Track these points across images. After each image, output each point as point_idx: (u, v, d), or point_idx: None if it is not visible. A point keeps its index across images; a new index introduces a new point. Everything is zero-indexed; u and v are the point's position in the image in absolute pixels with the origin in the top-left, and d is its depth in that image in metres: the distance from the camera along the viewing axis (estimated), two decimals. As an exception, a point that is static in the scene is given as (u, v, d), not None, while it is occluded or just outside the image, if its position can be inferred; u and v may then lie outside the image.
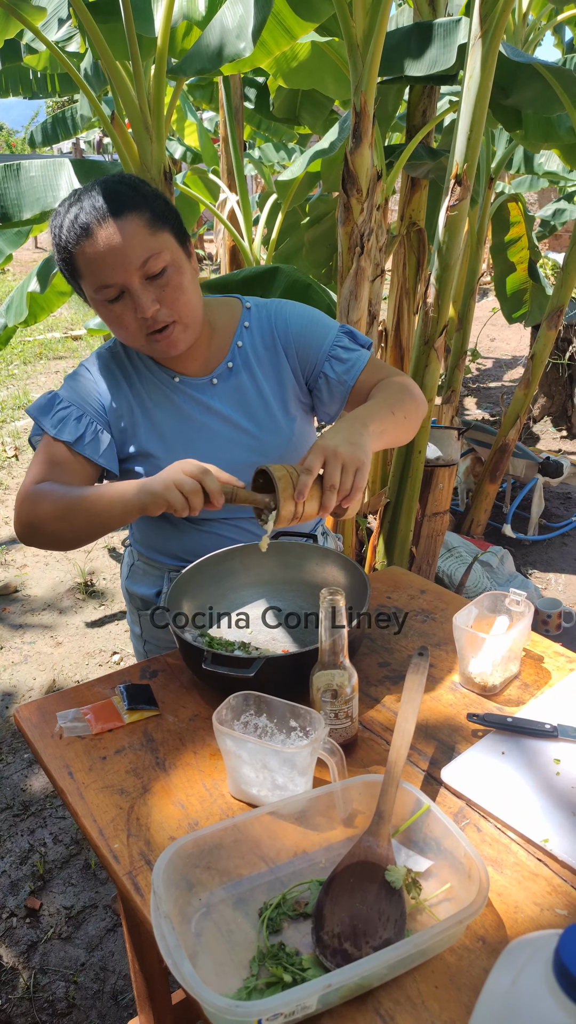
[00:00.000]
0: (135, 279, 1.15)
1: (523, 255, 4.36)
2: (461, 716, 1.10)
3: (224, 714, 0.94)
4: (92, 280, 1.16)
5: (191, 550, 1.37)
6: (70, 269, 1.18)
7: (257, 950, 0.76)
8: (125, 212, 1.14)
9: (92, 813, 0.94)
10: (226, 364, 1.34)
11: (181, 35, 2.76)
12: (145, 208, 1.16)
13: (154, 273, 1.16)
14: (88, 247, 1.13)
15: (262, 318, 1.37)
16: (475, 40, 2.06)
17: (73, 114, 5.65)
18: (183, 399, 1.32)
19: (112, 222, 1.13)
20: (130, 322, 1.18)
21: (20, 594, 3.52)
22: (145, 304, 1.15)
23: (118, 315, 1.18)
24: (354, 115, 2.05)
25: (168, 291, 1.17)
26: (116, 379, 1.32)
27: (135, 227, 1.14)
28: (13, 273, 12.85)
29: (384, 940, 0.76)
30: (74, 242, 1.14)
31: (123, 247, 1.13)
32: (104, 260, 1.13)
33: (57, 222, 1.17)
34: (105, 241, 1.13)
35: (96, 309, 1.21)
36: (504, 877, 0.86)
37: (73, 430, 1.26)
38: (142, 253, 1.14)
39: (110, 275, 1.14)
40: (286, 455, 1.34)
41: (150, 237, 1.15)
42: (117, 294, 1.16)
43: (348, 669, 0.99)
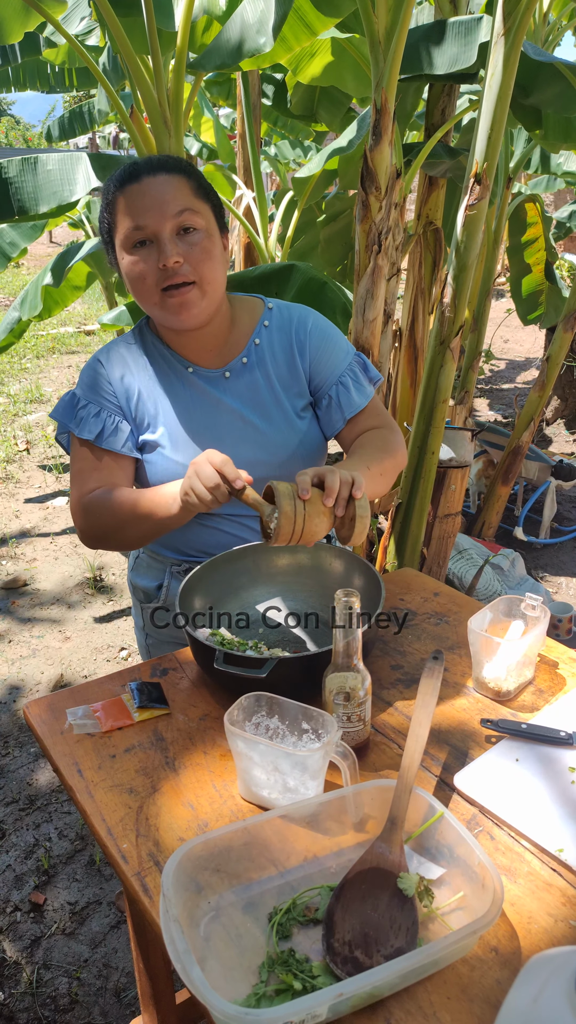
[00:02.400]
0: (167, 227, 1.17)
1: (540, 256, 4.33)
2: (475, 721, 1.09)
3: (235, 715, 0.93)
4: (126, 222, 1.18)
5: (194, 545, 1.38)
6: (110, 217, 1.21)
7: (266, 955, 0.75)
8: (175, 171, 1.20)
9: (101, 812, 0.93)
10: (241, 359, 1.34)
11: (201, 30, 2.75)
12: (194, 177, 1.22)
13: (187, 226, 1.18)
14: (132, 189, 1.18)
15: (283, 320, 1.37)
16: (498, 37, 2.04)
17: (90, 109, 5.65)
18: (193, 391, 1.32)
19: (162, 175, 1.19)
20: (150, 272, 1.19)
21: (29, 588, 3.52)
22: (169, 251, 1.17)
23: (141, 269, 1.19)
24: (374, 112, 2.03)
25: (195, 250, 1.19)
26: (129, 369, 1.33)
27: (180, 183, 1.19)
28: (27, 267, 12.89)
29: (396, 949, 0.75)
30: (120, 184, 1.19)
31: (164, 194, 1.17)
32: (143, 202, 1.17)
33: (104, 184, 1.23)
34: (150, 186, 1.18)
35: (121, 264, 1.22)
36: (518, 887, 0.85)
37: (92, 427, 1.28)
38: (180, 204, 1.18)
39: (145, 216, 1.17)
40: (294, 454, 1.34)
41: (191, 196, 1.20)
42: (144, 238, 1.18)
43: (362, 672, 0.98)
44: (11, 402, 6.18)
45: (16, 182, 2.70)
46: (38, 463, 4.96)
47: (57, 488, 4.57)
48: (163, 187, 1.17)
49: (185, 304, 1.20)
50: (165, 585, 1.42)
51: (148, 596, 1.46)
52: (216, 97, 5.45)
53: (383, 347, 2.45)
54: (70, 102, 17.21)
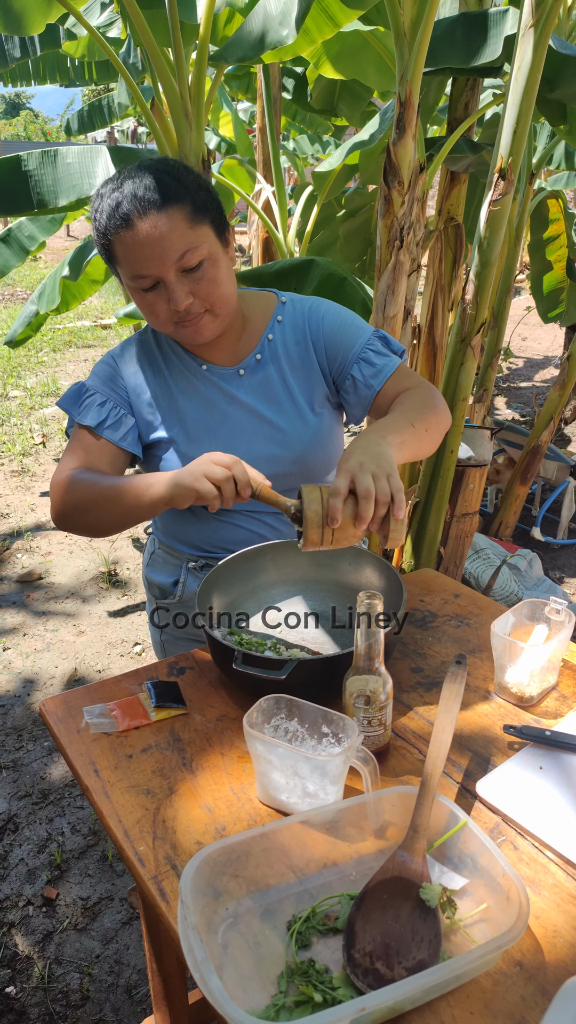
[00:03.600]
0: (171, 272, 1.14)
1: (561, 253, 4.28)
2: (497, 727, 1.07)
3: (254, 717, 0.91)
4: (128, 269, 1.16)
5: (211, 541, 1.36)
6: (108, 254, 1.19)
7: (285, 965, 0.74)
8: (167, 205, 1.12)
9: (117, 813, 0.92)
10: (254, 356, 1.32)
11: (223, 22, 2.73)
12: (187, 200, 1.14)
13: (190, 267, 1.15)
14: (127, 237, 1.13)
15: (296, 314, 1.35)
16: (526, 29, 2.00)
17: (110, 102, 5.65)
18: (209, 388, 1.31)
19: (153, 214, 1.11)
20: (162, 311, 1.19)
21: (44, 581, 3.53)
22: (179, 297, 1.15)
23: (151, 303, 1.19)
24: (398, 105, 2.00)
25: (203, 284, 1.17)
26: (143, 366, 1.32)
27: (175, 220, 1.12)
28: (45, 260, 12.92)
29: (417, 961, 0.73)
30: (114, 230, 1.14)
31: (161, 241, 1.12)
32: (142, 252, 1.13)
33: (97, 205, 1.16)
34: (145, 233, 1.11)
35: (131, 293, 1.21)
36: (542, 899, 0.83)
37: (95, 415, 1.27)
38: (180, 247, 1.13)
39: (146, 267, 1.14)
40: (309, 449, 1.32)
41: (189, 231, 1.13)
42: (152, 284, 1.16)
43: (383, 675, 0.96)
44: (28, 395, 6.20)
45: (36, 175, 2.70)
46: (54, 456, 4.97)
47: (73, 482, 4.58)
48: (158, 231, 1.11)
49: (199, 329, 1.21)
50: (181, 581, 1.41)
51: (164, 592, 1.45)
52: (235, 91, 5.43)
53: (403, 343, 2.42)
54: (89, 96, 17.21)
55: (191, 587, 1.40)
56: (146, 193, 1.12)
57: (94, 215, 1.17)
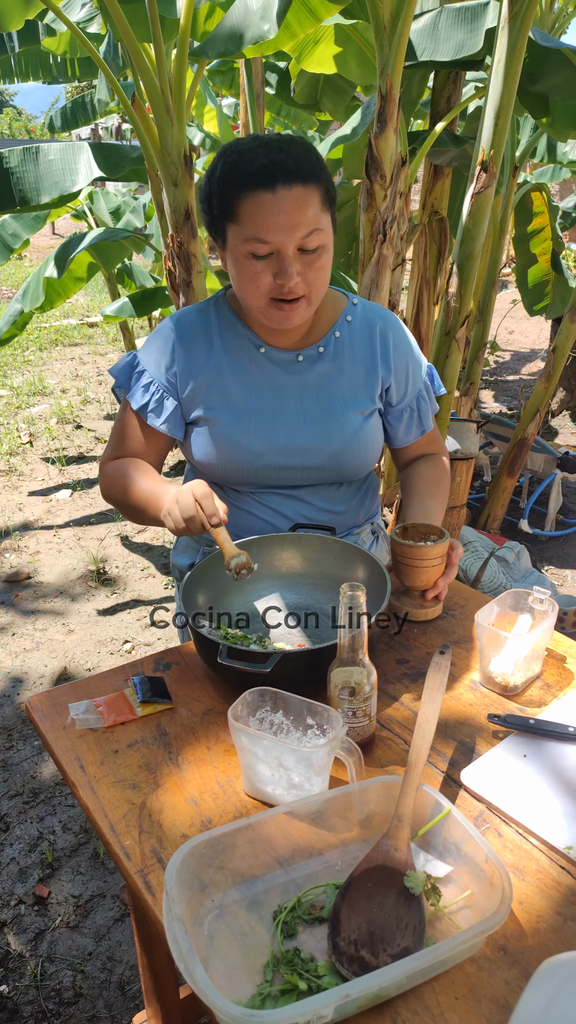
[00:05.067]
0: (292, 247, 1.15)
1: (546, 246, 4.30)
2: (481, 716, 1.08)
3: (239, 710, 0.92)
4: (250, 230, 1.14)
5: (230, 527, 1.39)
6: (225, 210, 1.16)
7: (271, 955, 0.74)
8: (310, 181, 1.14)
9: (103, 808, 0.92)
10: (317, 347, 1.34)
11: (204, 17, 2.72)
12: (324, 184, 1.17)
13: (310, 248, 1.16)
14: (264, 199, 1.12)
15: (368, 321, 1.37)
16: (504, 23, 2.01)
17: (92, 99, 5.61)
18: (261, 371, 1.33)
19: (297, 186, 1.12)
20: (264, 283, 1.18)
21: (32, 580, 3.52)
22: (291, 273, 1.16)
23: (256, 272, 1.17)
24: (379, 99, 2.00)
25: (312, 269, 1.18)
26: (197, 341, 1.33)
27: (312, 198, 1.14)
28: (30, 259, 12.85)
29: (402, 948, 0.74)
30: (250, 187, 1.12)
31: (296, 213, 1.12)
32: (276, 218, 1.12)
33: (235, 160, 1.14)
34: (283, 201, 1.12)
35: (232, 258, 1.19)
36: (526, 885, 0.83)
37: (140, 397, 1.32)
38: (310, 225, 1.14)
39: (274, 233, 1.13)
40: (346, 450, 1.34)
41: (320, 213, 1.16)
42: (267, 253, 1.15)
43: (367, 666, 0.97)
44: (14, 394, 6.17)
45: (17, 172, 2.68)
46: (41, 456, 4.95)
47: (60, 481, 4.56)
48: (297, 204, 1.12)
49: (289, 316, 1.22)
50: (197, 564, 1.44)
51: (183, 575, 1.49)
52: (219, 86, 5.41)
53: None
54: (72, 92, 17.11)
55: None
56: (295, 164, 1.12)
57: (224, 167, 1.15)
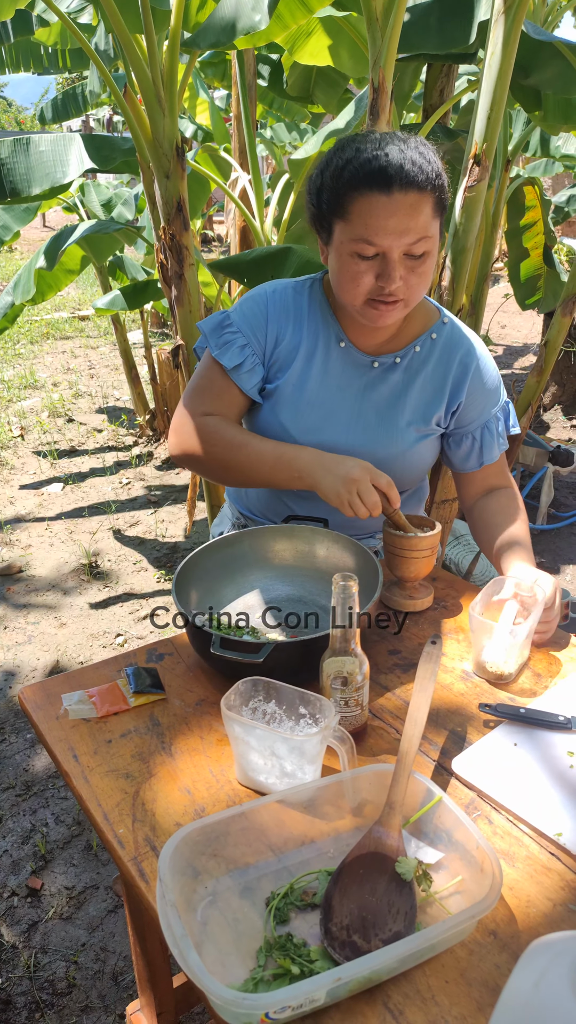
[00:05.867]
0: (398, 251, 1.15)
1: (538, 240, 4.30)
2: (473, 706, 1.08)
3: (232, 699, 0.92)
4: (360, 231, 1.14)
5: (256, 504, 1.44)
6: (336, 206, 1.15)
7: (264, 940, 0.75)
8: (426, 187, 1.13)
9: (97, 797, 0.93)
10: (395, 356, 1.33)
11: (195, 8, 2.70)
12: (438, 190, 1.16)
13: (416, 254, 1.16)
14: (379, 201, 1.11)
15: (452, 342, 1.36)
16: (498, 15, 2.01)
17: (83, 90, 5.58)
18: (334, 365, 1.33)
19: (413, 193, 1.12)
20: (365, 283, 1.18)
21: (24, 574, 3.51)
22: (395, 277, 1.15)
23: (359, 272, 1.17)
24: (372, 91, 2.00)
25: (415, 275, 1.18)
26: (289, 318, 1.32)
27: (426, 205, 1.14)
28: (21, 251, 12.78)
29: (394, 933, 0.75)
30: (365, 187, 1.11)
31: (409, 219, 1.12)
32: (387, 222, 1.12)
33: (353, 156, 1.13)
34: (398, 205, 1.11)
35: (336, 255, 1.19)
36: (516, 871, 0.84)
37: (234, 356, 1.29)
38: (419, 232, 1.14)
39: (383, 237, 1.13)
40: (394, 464, 1.33)
41: (431, 220, 1.16)
42: (372, 254, 1.15)
43: (359, 656, 0.97)
44: (5, 388, 6.14)
45: (8, 163, 2.67)
46: (32, 449, 4.93)
47: (52, 474, 4.55)
48: (410, 210, 1.12)
49: (385, 316, 1.21)
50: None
51: None
52: (211, 79, 5.38)
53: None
54: (63, 84, 16.98)
55: None
56: (414, 169, 1.11)
57: (340, 162, 1.14)
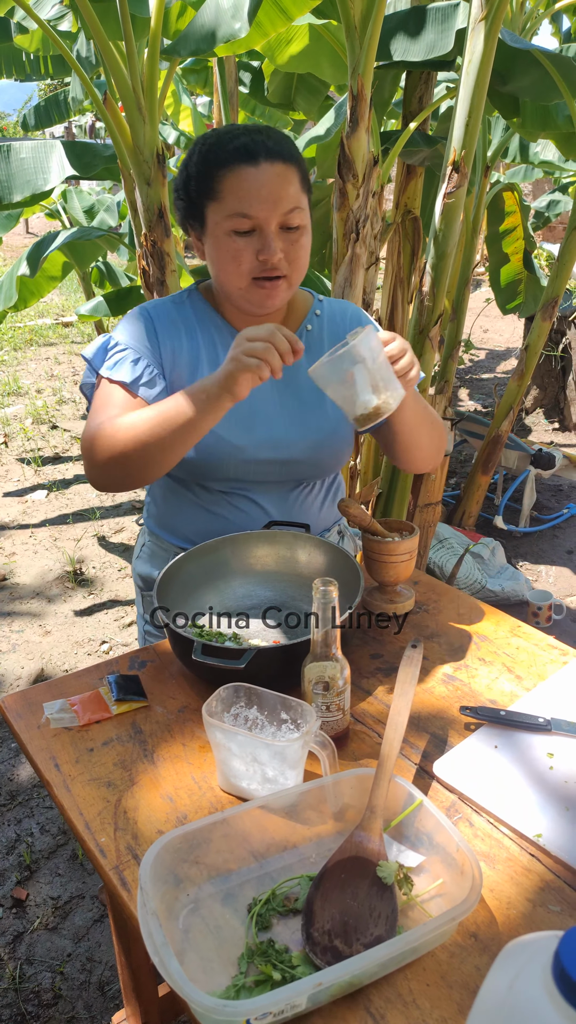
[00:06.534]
0: (274, 222, 1.16)
1: (518, 245, 4.34)
2: (454, 709, 1.09)
3: (214, 706, 0.92)
4: (233, 205, 1.15)
5: (197, 530, 1.38)
6: (205, 189, 1.17)
7: (246, 947, 0.75)
8: (290, 161, 1.17)
9: (78, 806, 0.92)
10: None
11: (175, 15, 2.71)
12: (302, 169, 1.20)
13: (292, 225, 1.18)
14: (247, 173, 1.14)
15: (336, 313, 1.40)
16: (475, 23, 2.03)
17: (66, 97, 5.57)
18: None
19: (279, 163, 1.15)
20: (246, 260, 1.18)
21: (8, 582, 3.49)
22: (274, 248, 1.17)
23: (238, 249, 1.18)
24: (351, 99, 2.02)
25: (295, 247, 1.20)
26: (177, 330, 1.31)
27: (293, 176, 1.17)
28: (3, 258, 12.72)
29: (375, 937, 0.75)
30: (232, 162, 1.14)
31: (280, 188, 1.15)
32: (259, 192, 1.14)
33: (214, 140, 1.17)
34: (267, 175, 1.14)
35: (213, 239, 1.20)
36: (497, 873, 0.85)
37: (130, 371, 1.25)
38: (293, 201, 1.17)
39: (257, 208, 1.15)
40: (323, 442, 1.34)
41: (300, 193, 1.19)
42: (250, 228, 1.17)
43: (340, 661, 0.98)
44: (-12, 395, 6.11)
45: (-11, 171, 2.66)
46: (16, 456, 4.91)
47: (36, 482, 4.53)
48: (279, 179, 1.15)
49: (272, 295, 1.22)
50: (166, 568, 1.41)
51: (148, 584, 1.46)
52: (193, 85, 5.39)
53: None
54: (45, 90, 16.95)
55: None
56: (275, 144, 1.16)
57: (201, 150, 1.18)
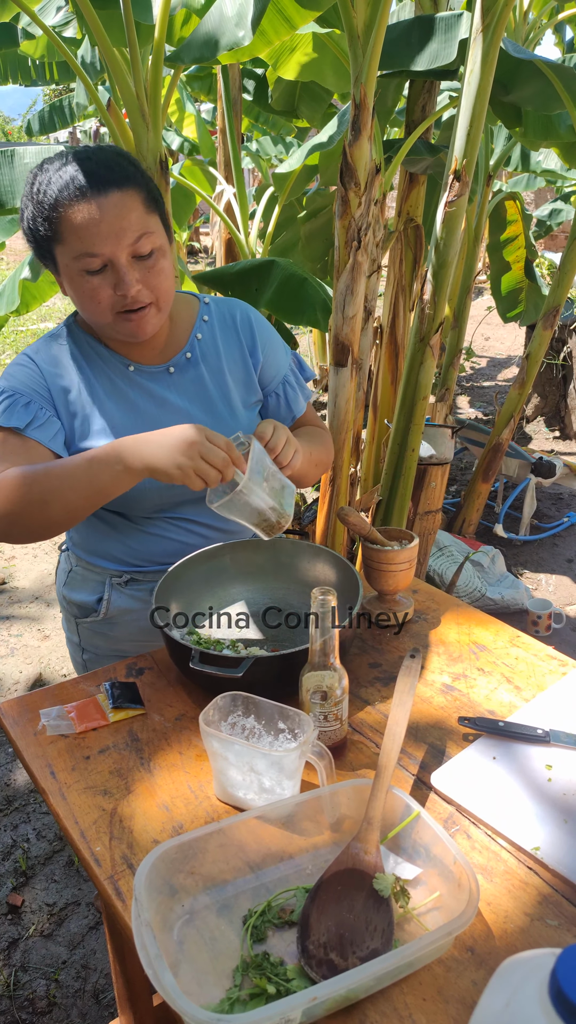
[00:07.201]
0: (124, 255, 1.11)
1: (519, 254, 4.34)
2: (452, 719, 1.09)
3: (211, 715, 0.92)
4: (76, 246, 1.10)
5: (137, 554, 1.32)
6: (49, 230, 1.11)
7: (240, 959, 0.74)
8: (125, 184, 1.10)
9: (74, 814, 0.92)
10: (184, 354, 1.30)
11: (180, 23, 2.72)
12: (143, 186, 1.13)
13: (143, 253, 1.12)
14: (83, 210, 1.07)
15: (224, 315, 1.35)
16: (476, 34, 2.03)
17: (70, 102, 5.59)
18: (136, 391, 1.26)
19: (113, 192, 1.09)
20: (105, 297, 1.13)
21: (7, 586, 3.48)
22: (130, 282, 1.11)
23: (94, 288, 1.13)
24: (353, 107, 2.02)
25: (152, 274, 1.14)
26: (65, 369, 1.24)
27: (133, 201, 1.11)
28: (7, 262, 12.75)
29: (371, 950, 0.74)
30: (67, 202, 1.08)
31: (119, 219, 1.09)
32: (98, 228, 1.08)
33: (44, 178, 1.10)
34: (102, 209, 1.08)
35: (67, 279, 1.14)
36: (494, 886, 0.84)
37: (22, 415, 1.17)
38: (137, 229, 1.11)
39: (101, 245, 1.09)
40: None
41: (145, 215, 1.12)
42: (100, 266, 1.11)
43: (339, 670, 0.97)
44: (-10, 398, 6.11)
45: (-8, 175, 2.67)
46: None
47: (36, 485, 4.53)
48: (117, 210, 1.08)
49: (140, 326, 1.17)
50: (106, 599, 1.35)
51: (84, 611, 1.38)
52: (197, 92, 5.41)
53: (363, 344, 2.44)
54: (50, 96, 17.02)
55: (117, 603, 1.34)
56: (105, 171, 1.09)
57: (35, 187, 1.11)
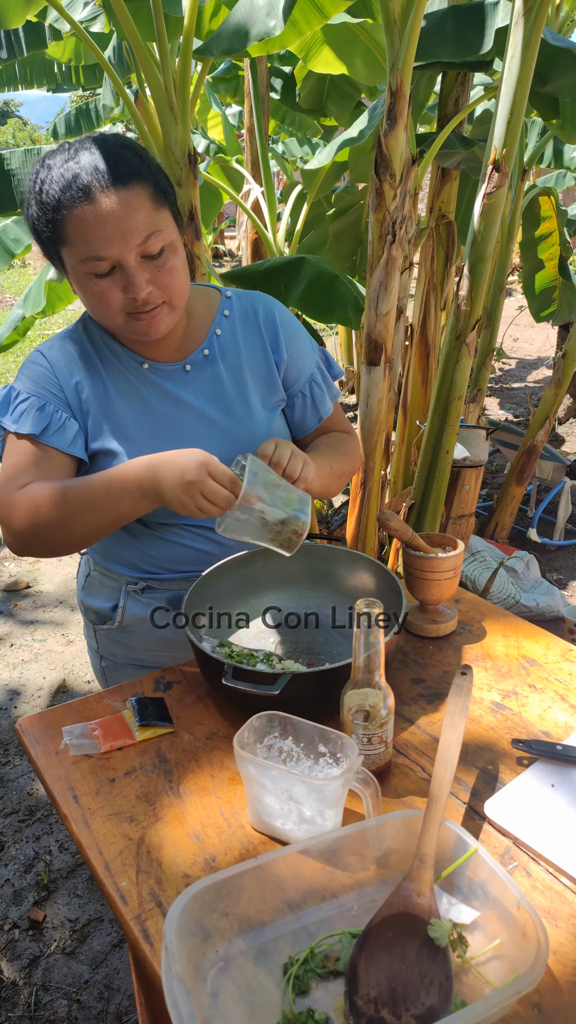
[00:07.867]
0: (132, 256, 1.04)
1: (553, 251, 4.23)
2: (504, 741, 1.00)
3: (246, 736, 0.85)
4: (82, 249, 1.04)
5: (153, 561, 1.26)
6: (53, 232, 1.06)
7: (282, 1015, 0.67)
8: (131, 181, 1.03)
9: (98, 844, 0.85)
10: (202, 351, 1.23)
11: (208, 15, 2.67)
12: (150, 179, 1.06)
13: (153, 253, 1.06)
14: (87, 212, 1.01)
15: (247, 310, 1.27)
16: (517, 19, 1.95)
17: (96, 105, 5.59)
18: (150, 390, 1.21)
19: (117, 190, 1.01)
20: (114, 300, 1.08)
21: (31, 590, 3.45)
22: (140, 284, 1.05)
23: (103, 291, 1.07)
24: (389, 95, 1.95)
25: (163, 273, 1.08)
26: (77, 366, 1.19)
27: (140, 199, 1.03)
28: (34, 267, 12.85)
29: (427, 1008, 0.67)
30: (69, 204, 1.02)
31: (126, 219, 1.02)
32: (104, 231, 1.02)
33: (44, 176, 1.04)
34: (108, 210, 1.01)
35: (75, 281, 1.09)
36: (559, 931, 0.76)
37: (37, 421, 1.13)
38: (145, 229, 1.04)
39: (107, 247, 1.03)
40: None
41: (153, 212, 1.05)
42: (108, 269, 1.05)
43: (383, 689, 0.89)
44: (16, 401, 6.11)
45: (19, 174, 2.63)
46: None
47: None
48: (124, 210, 1.02)
49: (153, 325, 1.11)
50: (121, 606, 1.29)
51: (102, 617, 1.33)
52: (224, 94, 5.37)
53: (396, 342, 2.37)
54: (77, 102, 17.18)
55: (132, 611, 1.29)
56: (109, 167, 1.02)
57: (37, 187, 1.04)
